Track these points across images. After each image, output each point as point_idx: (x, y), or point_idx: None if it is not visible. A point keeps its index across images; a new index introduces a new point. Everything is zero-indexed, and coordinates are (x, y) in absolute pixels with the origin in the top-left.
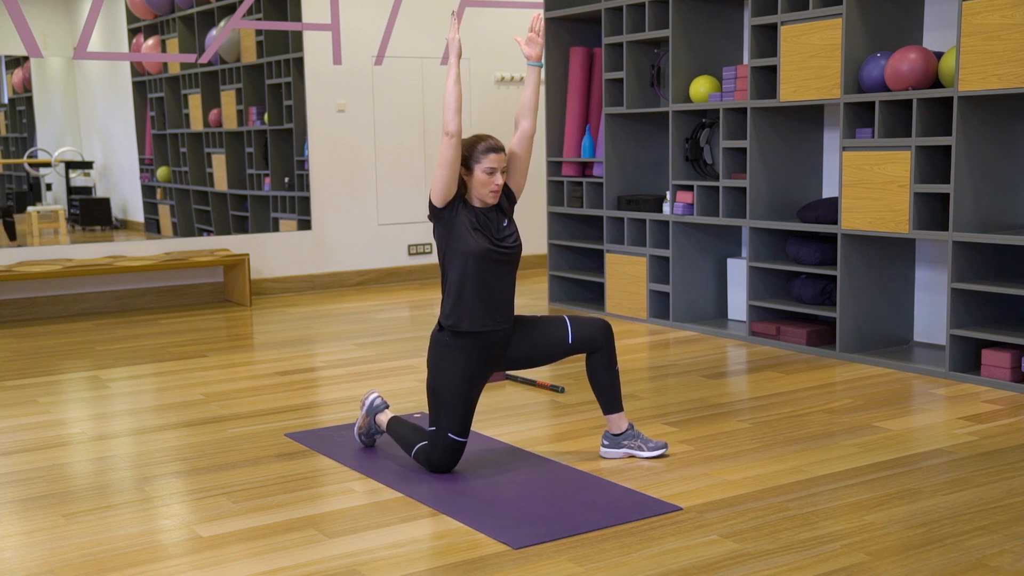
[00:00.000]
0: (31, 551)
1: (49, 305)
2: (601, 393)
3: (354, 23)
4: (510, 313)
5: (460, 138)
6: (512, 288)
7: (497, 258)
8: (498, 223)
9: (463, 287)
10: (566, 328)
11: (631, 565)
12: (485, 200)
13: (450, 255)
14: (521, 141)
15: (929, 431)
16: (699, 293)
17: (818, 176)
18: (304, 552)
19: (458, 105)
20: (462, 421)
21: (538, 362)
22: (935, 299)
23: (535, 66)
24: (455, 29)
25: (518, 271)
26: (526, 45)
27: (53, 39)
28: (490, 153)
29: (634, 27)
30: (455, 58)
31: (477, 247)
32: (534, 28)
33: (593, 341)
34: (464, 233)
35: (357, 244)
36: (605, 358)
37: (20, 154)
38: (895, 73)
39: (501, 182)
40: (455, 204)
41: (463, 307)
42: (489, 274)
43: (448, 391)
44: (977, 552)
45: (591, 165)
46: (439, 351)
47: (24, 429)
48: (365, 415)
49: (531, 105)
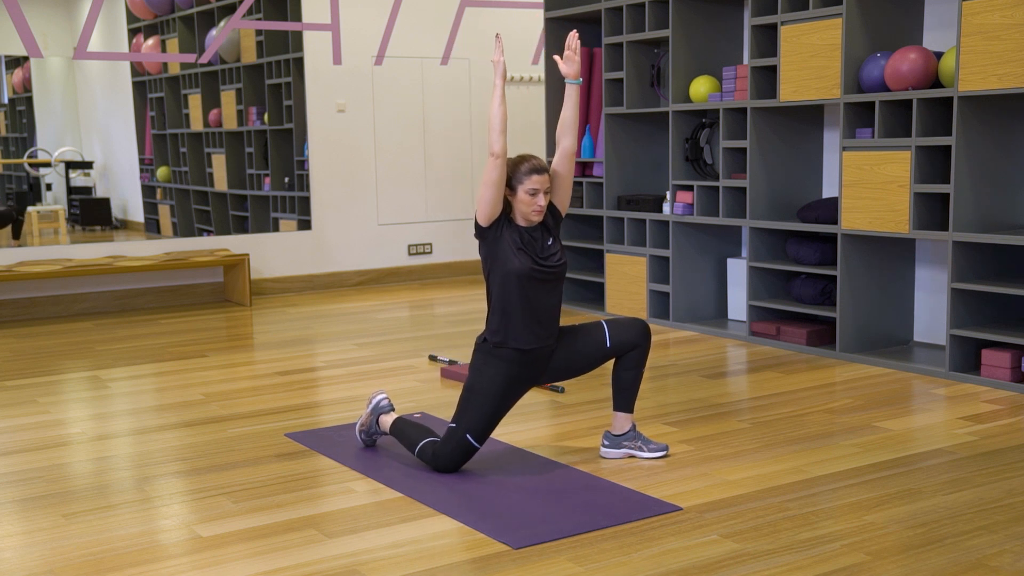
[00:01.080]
0: (31, 551)
1: (49, 305)
2: (619, 389)
3: (354, 23)
4: (555, 329)
5: (505, 158)
6: (558, 305)
7: (541, 277)
8: (543, 242)
9: (508, 305)
10: (604, 333)
11: (631, 565)
12: (529, 219)
13: (495, 274)
14: (563, 159)
15: (929, 431)
16: (699, 293)
17: (818, 176)
18: (304, 552)
19: (503, 126)
20: (485, 427)
21: (579, 371)
22: (935, 299)
23: (574, 84)
24: (499, 51)
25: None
26: (564, 64)
27: (53, 39)
28: (533, 174)
29: (634, 27)
30: (500, 79)
31: (521, 267)
32: (571, 47)
33: (632, 343)
34: (508, 252)
35: (357, 244)
36: (638, 356)
37: (20, 154)
38: (895, 73)
39: (544, 203)
40: (500, 223)
41: (509, 325)
42: (533, 292)
43: (483, 393)
44: (977, 552)
45: (591, 165)
46: (484, 356)
47: (24, 429)
48: (369, 413)
49: (572, 123)
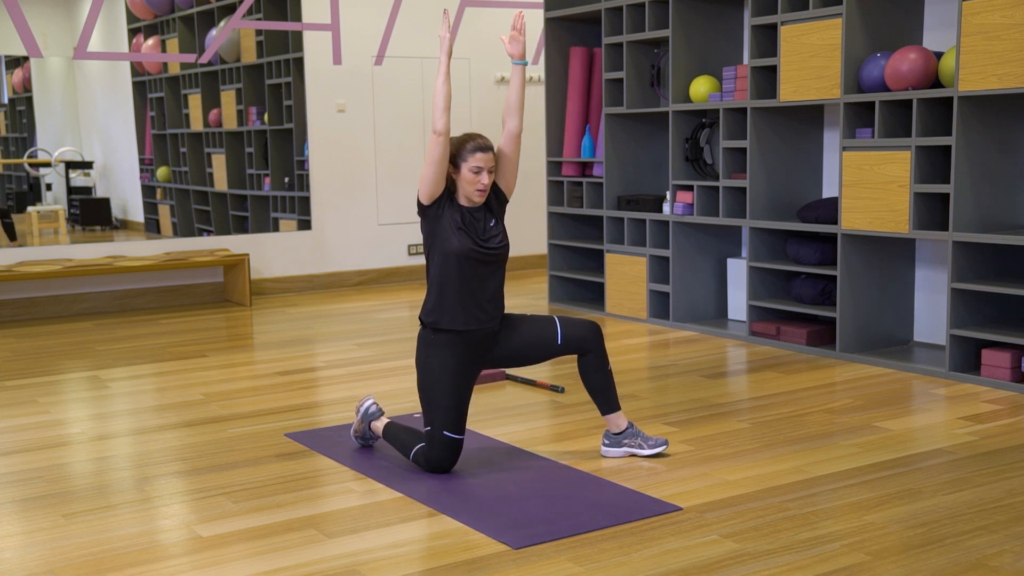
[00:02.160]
0: (31, 551)
1: (49, 305)
2: (596, 394)
3: (354, 23)
4: (495, 312)
5: (448, 136)
6: (498, 288)
7: (480, 258)
8: (485, 223)
9: (445, 285)
10: (555, 328)
11: (631, 565)
12: (472, 199)
13: (433, 252)
14: (508, 140)
15: (929, 431)
16: (699, 293)
17: (818, 176)
18: (304, 552)
19: (447, 104)
20: (456, 418)
21: (527, 361)
22: (935, 299)
23: (519, 64)
24: (446, 27)
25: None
26: (509, 44)
27: (53, 39)
28: (477, 152)
29: (634, 27)
30: (445, 56)
31: (460, 246)
32: (516, 26)
33: (583, 342)
34: (448, 231)
35: (357, 244)
36: (596, 360)
37: (20, 154)
38: (895, 73)
39: (487, 181)
40: (442, 202)
41: (444, 305)
42: (471, 273)
43: (438, 389)
44: (977, 552)
45: (591, 165)
46: (425, 350)
47: (24, 429)
48: (360, 420)
49: (517, 104)
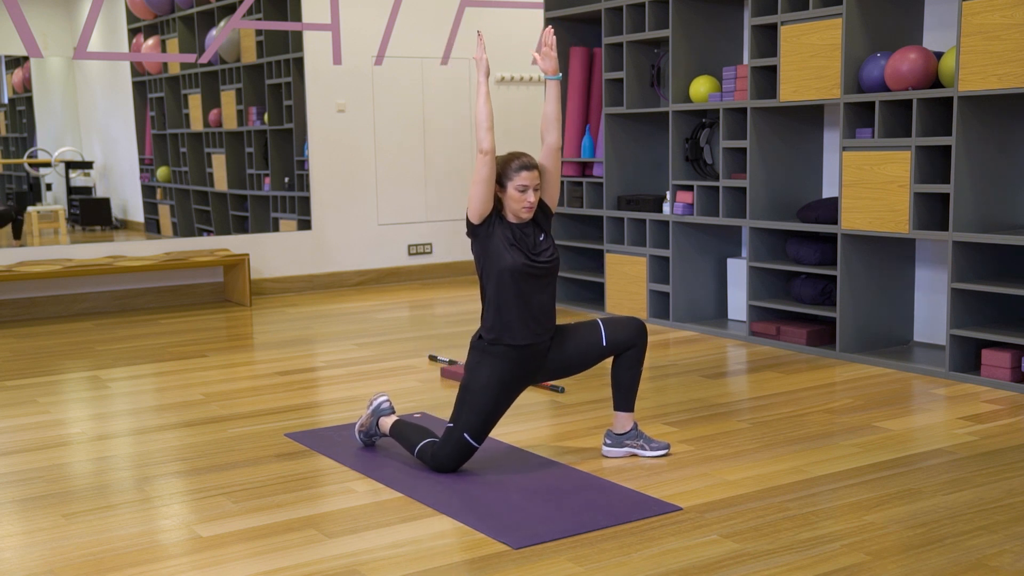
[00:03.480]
0: (31, 551)
1: (49, 305)
2: (619, 388)
3: (354, 23)
4: (549, 325)
5: (494, 154)
6: (551, 301)
7: (534, 272)
8: (534, 238)
9: (502, 302)
10: (599, 332)
11: (631, 565)
12: (520, 216)
13: (488, 271)
14: (549, 154)
15: (929, 431)
16: (699, 293)
17: (818, 176)
18: (304, 552)
19: (490, 123)
20: (483, 426)
21: (575, 370)
22: (935, 299)
23: (553, 79)
24: (481, 48)
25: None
26: (542, 60)
27: (53, 39)
28: (523, 171)
29: (634, 27)
30: (483, 77)
31: (513, 263)
32: (547, 42)
33: (628, 342)
34: (500, 249)
35: (357, 244)
36: (635, 355)
37: (20, 154)
38: (895, 73)
39: (534, 199)
40: (491, 221)
41: (503, 322)
42: (527, 288)
43: (479, 392)
44: (977, 552)
45: (591, 165)
46: (479, 356)
47: (24, 429)
48: (370, 415)
49: (555, 118)
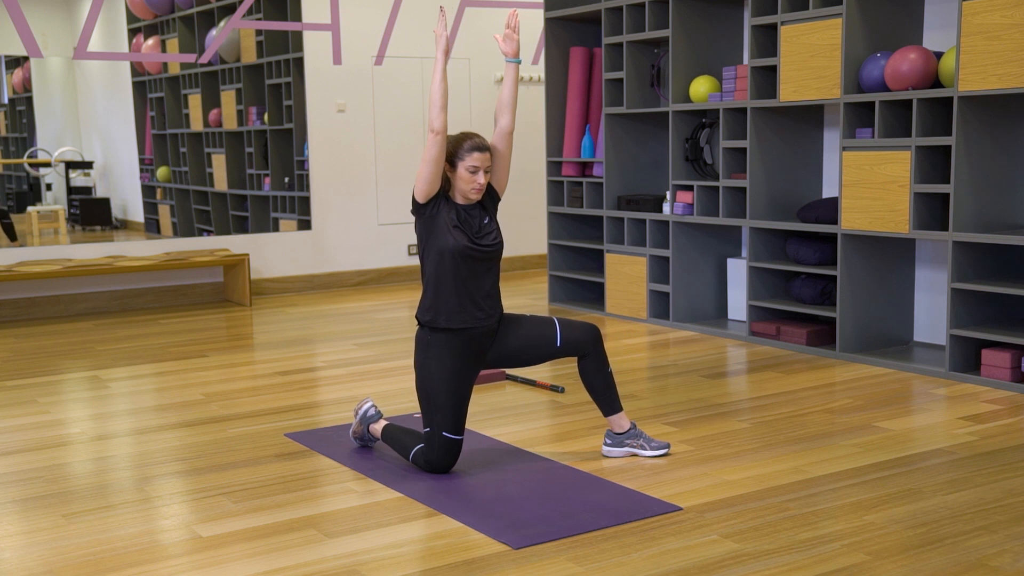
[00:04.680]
0: (31, 551)
1: (49, 305)
2: (597, 396)
3: (354, 23)
4: (492, 310)
5: (445, 135)
6: (493, 285)
7: (476, 255)
8: (480, 220)
9: (440, 283)
10: (554, 330)
11: (631, 565)
12: (468, 197)
13: (428, 251)
14: (501, 138)
15: (929, 431)
16: (699, 293)
17: (818, 176)
18: (304, 552)
19: (444, 102)
20: (455, 419)
21: (526, 362)
22: (935, 299)
23: (513, 62)
24: (442, 24)
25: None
26: (504, 42)
27: (53, 39)
28: (474, 152)
29: (634, 27)
30: (442, 54)
31: (455, 244)
32: (510, 24)
33: (582, 345)
34: (444, 230)
35: (357, 244)
36: (596, 362)
37: (20, 154)
38: (895, 73)
39: (484, 181)
40: (437, 200)
41: (440, 303)
42: (467, 271)
43: (437, 390)
44: (977, 552)
45: (591, 165)
46: (423, 351)
47: (24, 429)
48: (359, 423)
49: (510, 101)
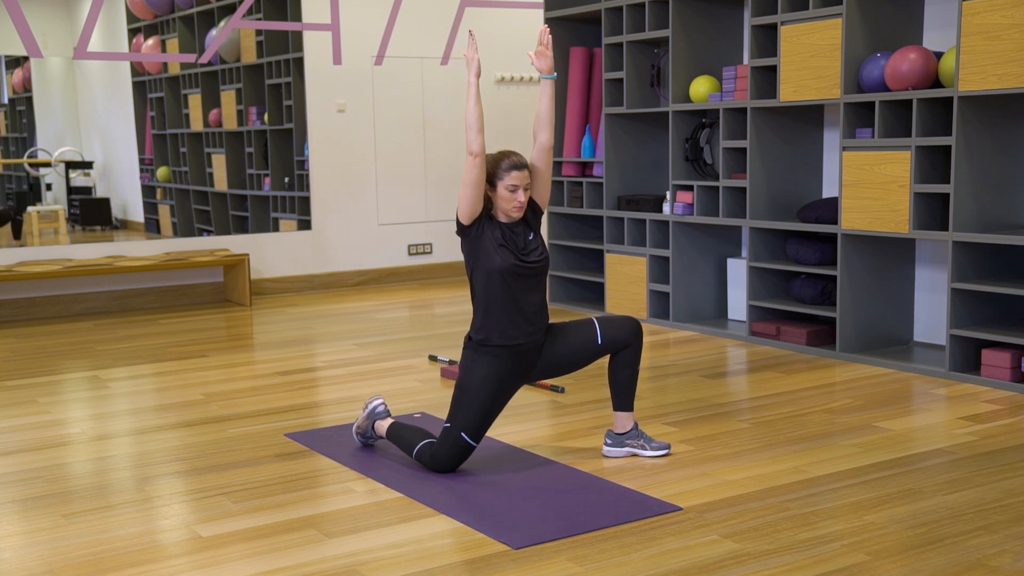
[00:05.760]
0: (31, 551)
1: (49, 305)
2: (616, 388)
3: (354, 23)
4: (540, 324)
5: (484, 157)
6: (541, 300)
7: (523, 272)
8: (524, 237)
9: (491, 302)
10: (595, 330)
11: (631, 565)
12: (510, 215)
13: (477, 271)
14: (541, 154)
15: (929, 431)
16: (699, 293)
17: (818, 176)
18: (304, 552)
19: (480, 124)
20: (479, 424)
21: (570, 368)
22: (935, 299)
23: (548, 78)
24: (473, 48)
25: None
26: (537, 59)
27: (53, 39)
28: (513, 171)
29: (634, 27)
30: (474, 77)
31: (503, 263)
32: (543, 41)
33: (623, 341)
34: (490, 249)
35: (357, 244)
36: (631, 355)
37: (20, 154)
38: (895, 73)
39: (524, 199)
40: (481, 221)
41: (492, 322)
42: (516, 288)
43: (474, 391)
44: (977, 552)
45: (591, 165)
46: (472, 355)
47: (24, 429)
48: (365, 418)
49: (547, 117)
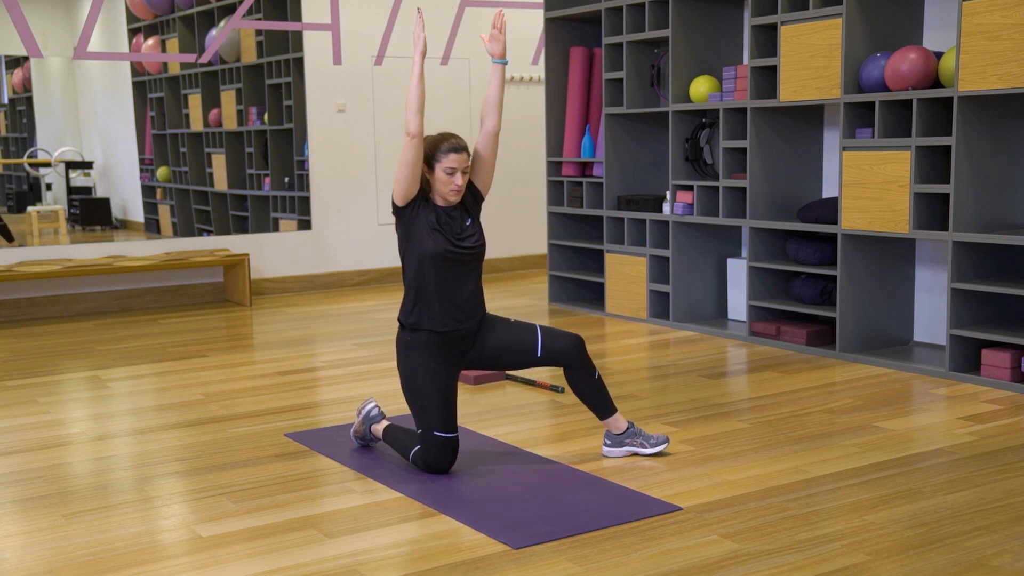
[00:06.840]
0: (31, 551)
1: (49, 305)
2: (589, 403)
3: (354, 23)
4: (473, 312)
5: (421, 138)
6: (475, 287)
7: (456, 258)
8: (461, 222)
9: (422, 287)
10: (536, 338)
11: (631, 565)
12: (447, 199)
13: (409, 254)
14: (486, 139)
15: (929, 431)
16: (699, 293)
17: (818, 176)
18: (304, 552)
19: (420, 105)
20: (445, 417)
21: (505, 365)
22: (935, 299)
23: (499, 63)
24: (420, 26)
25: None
26: (490, 42)
27: (53, 39)
28: (451, 153)
29: (634, 27)
30: (419, 56)
31: (435, 247)
32: (496, 25)
33: (564, 357)
34: (423, 232)
35: (357, 244)
36: (581, 372)
37: (20, 154)
38: (895, 73)
39: (461, 182)
40: (416, 203)
41: (421, 307)
42: (447, 274)
43: (423, 391)
44: (977, 552)
45: (591, 165)
46: (404, 353)
47: (24, 429)
48: (361, 422)
49: (496, 103)
